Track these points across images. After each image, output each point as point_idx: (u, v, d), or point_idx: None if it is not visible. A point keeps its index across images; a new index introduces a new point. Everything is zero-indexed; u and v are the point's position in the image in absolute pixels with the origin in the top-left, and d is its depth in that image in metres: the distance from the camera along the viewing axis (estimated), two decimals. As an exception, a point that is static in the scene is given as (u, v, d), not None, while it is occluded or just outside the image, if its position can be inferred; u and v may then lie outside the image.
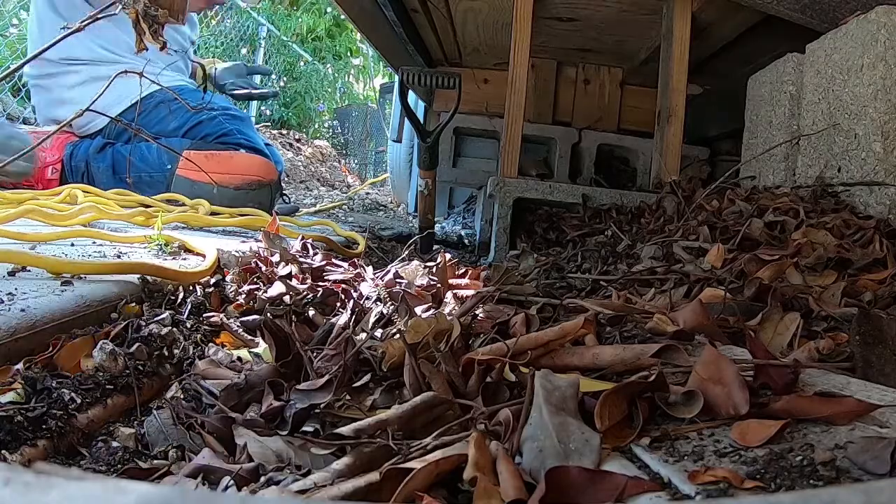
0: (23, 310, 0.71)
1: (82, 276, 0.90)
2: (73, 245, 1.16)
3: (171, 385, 0.75)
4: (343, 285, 1.07)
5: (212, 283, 1.04)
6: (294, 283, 1.06)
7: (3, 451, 0.54)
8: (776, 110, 1.48)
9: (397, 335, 0.73)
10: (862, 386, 0.57)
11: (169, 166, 2.17)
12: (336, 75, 8.47)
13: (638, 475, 0.44)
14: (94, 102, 1.39)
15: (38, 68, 2.31)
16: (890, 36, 1.15)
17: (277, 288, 1.01)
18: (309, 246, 1.29)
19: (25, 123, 3.61)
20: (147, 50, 1.14)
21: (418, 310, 0.91)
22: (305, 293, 1.01)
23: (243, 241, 1.38)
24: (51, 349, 0.69)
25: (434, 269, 1.16)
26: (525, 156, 1.99)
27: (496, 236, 1.68)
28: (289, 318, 0.92)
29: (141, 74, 1.28)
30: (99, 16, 1.09)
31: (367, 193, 4.80)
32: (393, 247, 1.91)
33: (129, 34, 1.13)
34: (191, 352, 0.82)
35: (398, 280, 1.12)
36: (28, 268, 0.91)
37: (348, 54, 8.42)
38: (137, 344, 0.75)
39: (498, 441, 0.51)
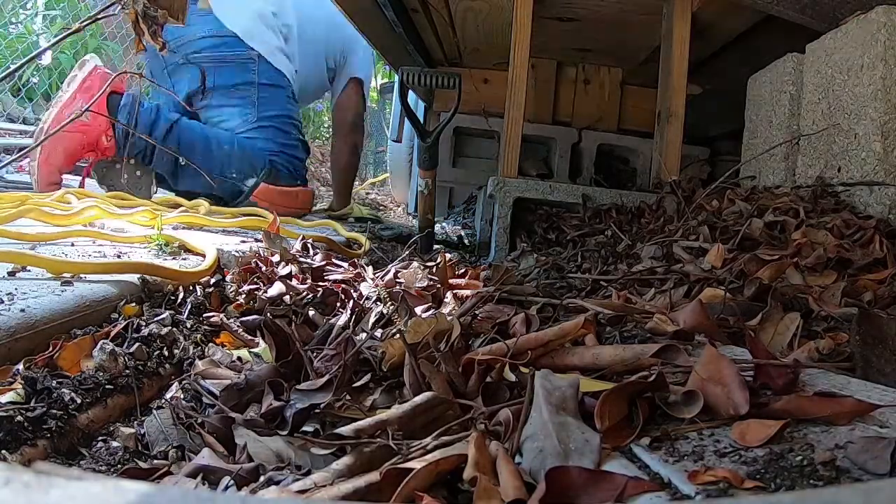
0: (23, 310, 0.71)
1: (82, 276, 0.90)
2: (73, 245, 1.16)
3: (171, 385, 0.75)
4: (343, 285, 1.07)
5: (212, 283, 1.04)
6: (294, 283, 1.06)
7: (3, 451, 0.54)
8: (776, 110, 1.48)
9: (397, 335, 0.73)
10: (862, 386, 0.57)
11: (235, 176, 2.20)
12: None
13: (638, 475, 0.44)
14: (94, 103, 1.39)
15: None
16: (890, 36, 1.15)
17: (277, 288, 1.01)
18: (309, 246, 1.29)
19: (25, 123, 3.61)
20: (146, 51, 1.14)
21: (418, 310, 0.91)
22: (305, 293, 1.01)
23: (243, 241, 1.38)
24: (51, 349, 0.69)
25: (434, 269, 1.16)
26: (525, 156, 1.99)
27: (496, 236, 1.68)
28: (289, 318, 0.92)
29: (140, 75, 1.28)
30: (99, 16, 1.09)
31: (368, 193, 4.80)
32: (393, 247, 1.91)
33: None
34: (191, 352, 0.82)
35: (398, 280, 1.12)
36: (28, 268, 0.91)
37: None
38: (137, 344, 0.75)
39: (498, 441, 0.51)
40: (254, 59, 2.32)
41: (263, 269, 1.10)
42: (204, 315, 0.93)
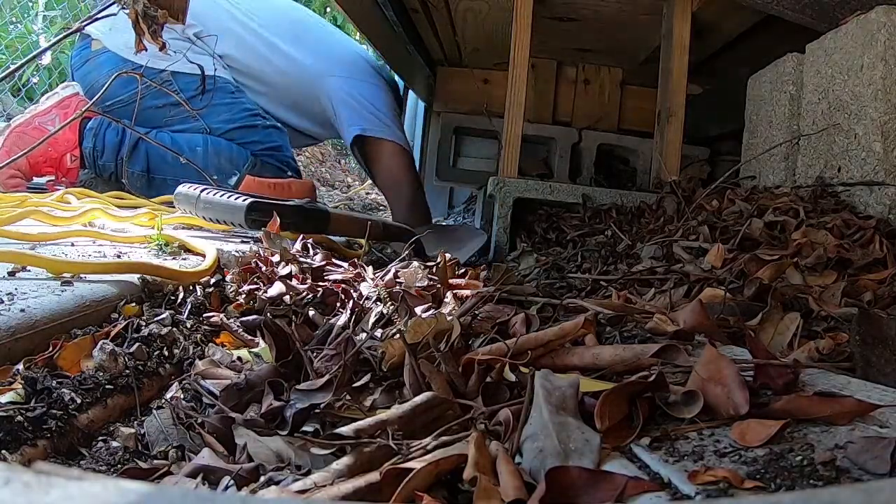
0: (23, 310, 0.71)
1: (82, 276, 0.90)
2: (73, 245, 1.16)
3: (171, 385, 0.75)
4: (343, 285, 1.07)
5: (212, 283, 1.04)
6: (294, 283, 1.06)
7: (3, 451, 0.54)
8: (776, 110, 1.48)
9: (397, 335, 0.73)
10: (862, 386, 0.57)
11: (216, 177, 1.99)
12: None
13: (638, 475, 0.44)
14: (94, 101, 1.39)
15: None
16: (890, 36, 1.15)
17: (277, 288, 1.01)
18: (309, 246, 1.29)
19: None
20: (146, 50, 1.14)
21: (418, 310, 0.91)
22: (305, 293, 1.01)
23: (243, 241, 1.38)
24: (51, 349, 0.69)
25: (434, 269, 1.16)
26: (525, 156, 1.98)
27: (496, 236, 1.68)
28: (289, 318, 0.92)
29: (141, 75, 1.28)
30: (98, 16, 1.09)
31: (368, 193, 4.80)
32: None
33: None
34: (191, 352, 0.82)
35: (398, 280, 1.12)
36: (28, 268, 0.91)
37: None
38: (137, 344, 0.75)
39: (498, 441, 0.51)
40: (168, 80, 2.01)
41: (263, 269, 1.10)
42: (204, 315, 0.93)
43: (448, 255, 1.17)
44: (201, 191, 1.48)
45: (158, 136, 2.09)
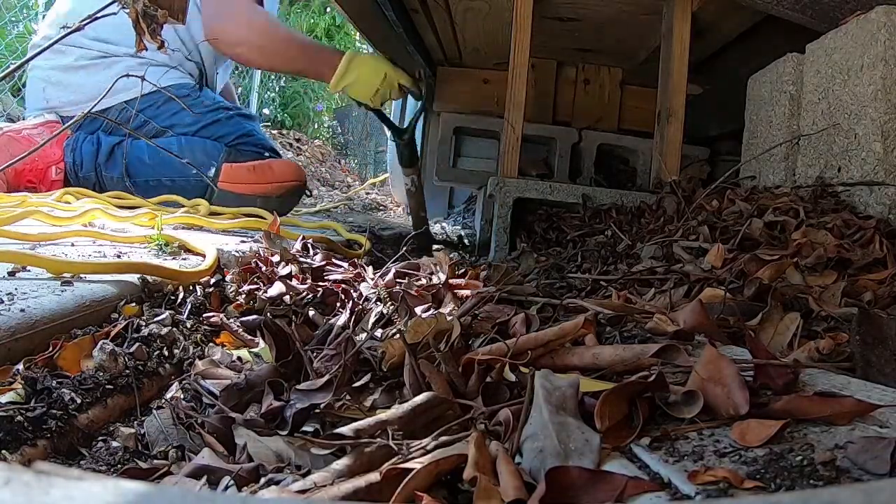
0: (23, 310, 0.71)
1: (82, 276, 0.90)
2: (73, 245, 1.16)
3: (171, 385, 0.75)
4: (343, 285, 1.07)
5: (212, 283, 1.04)
6: (294, 283, 1.06)
7: (3, 451, 0.54)
8: (776, 110, 1.48)
9: (397, 335, 0.73)
10: (862, 386, 0.57)
11: (194, 171, 1.96)
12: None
13: (638, 475, 0.44)
14: (97, 104, 1.39)
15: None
16: (890, 36, 1.15)
17: (277, 288, 1.01)
18: (309, 246, 1.29)
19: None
20: (146, 50, 1.14)
21: (418, 310, 0.91)
22: (305, 293, 1.01)
23: (243, 241, 1.38)
24: (51, 349, 0.69)
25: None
26: (525, 156, 1.98)
27: (496, 236, 1.68)
28: (289, 318, 0.92)
29: (143, 78, 1.28)
30: (98, 15, 1.09)
31: (367, 193, 4.81)
32: (393, 250, 1.91)
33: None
34: (191, 352, 0.82)
35: (398, 280, 1.12)
36: (28, 268, 0.91)
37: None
38: (137, 344, 0.75)
39: (498, 441, 0.51)
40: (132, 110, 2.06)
41: (263, 269, 1.10)
42: (204, 315, 0.93)
43: (448, 255, 1.17)
44: None
45: (133, 144, 2.12)
